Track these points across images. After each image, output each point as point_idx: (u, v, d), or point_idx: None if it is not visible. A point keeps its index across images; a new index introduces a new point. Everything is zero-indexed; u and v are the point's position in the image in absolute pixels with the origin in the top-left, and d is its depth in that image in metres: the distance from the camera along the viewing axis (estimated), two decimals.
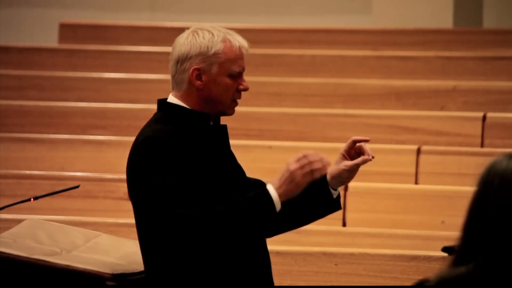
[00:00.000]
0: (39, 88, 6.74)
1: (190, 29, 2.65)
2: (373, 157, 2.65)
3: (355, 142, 2.69)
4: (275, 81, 6.74)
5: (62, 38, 7.71)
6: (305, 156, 2.47)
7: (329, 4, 8.83)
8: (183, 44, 2.62)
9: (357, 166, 2.65)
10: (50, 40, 7.89)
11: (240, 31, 2.77)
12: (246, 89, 2.66)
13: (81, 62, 7.35)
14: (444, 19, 7.69)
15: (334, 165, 2.67)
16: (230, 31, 2.66)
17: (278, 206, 2.47)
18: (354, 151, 2.69)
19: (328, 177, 2.67)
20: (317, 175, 2.48)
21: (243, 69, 2.65)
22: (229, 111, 2.67)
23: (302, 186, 2.48)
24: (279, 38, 7.38)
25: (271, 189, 2.48)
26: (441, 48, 7.19)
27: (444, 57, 6.94)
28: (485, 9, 8.17)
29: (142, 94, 6.50)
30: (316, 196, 2.66)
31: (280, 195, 2.47)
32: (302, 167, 2.46)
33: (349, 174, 2.67)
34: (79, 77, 6.87)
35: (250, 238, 2.54)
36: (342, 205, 2.75)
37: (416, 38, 7.48)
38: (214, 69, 2.60)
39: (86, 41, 7.58)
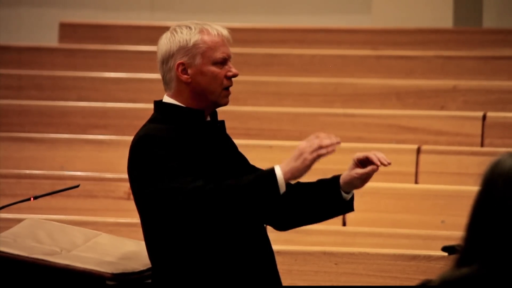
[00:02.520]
0: (39, 87, 6.73)
1: (170, 29, 2.66)
2: (382, 164, 2.63)
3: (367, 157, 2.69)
4: (275, 81, 6.74)
5: (62, 37, 7.71)
6: (316, 136, 2.49)
7: (329, 4, 8.83)
8: (164, 43, 2.64)
9: (367, 174, 2.66)
10: (50, 39, 7.89)
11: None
12: (235, 75, 2.66)
13: (81, 61, 7.35)
14: (444, 19, 7.68)
15: (347, 171, 2.68)
16: (208, 23, 2.66)
17: (282, 184, 2.48)
18: (367, 158, 2.69)
19: (341, 181, 2.68)
20: (323, 152, 2.49)
21: (228, 56, 2.65)
22: (223, 101, 2.67)
23: (309, 163, 2.48)
24: (279, 37, 7.37)
25: (277, 168, 2.50)
26: (441, 48, 7.19)
27: (444, 56, 6.94)
28: (485, 9, 8.17)
29: (142, 93, 6.50)
30: (327, 197, 2.67)
31: (285, 173, 2.48)
32: (310, 144, 2.48)
33: (361, 181, 2.68)
34: (79, 76, 6.87)
35: (255, 217, 2.53)
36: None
37: (416, 38, 7.48)
38: (198, 60, 2.61)
39: (86, 40, 7.58)
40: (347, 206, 2.72)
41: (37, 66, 7.10)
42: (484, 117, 5.92)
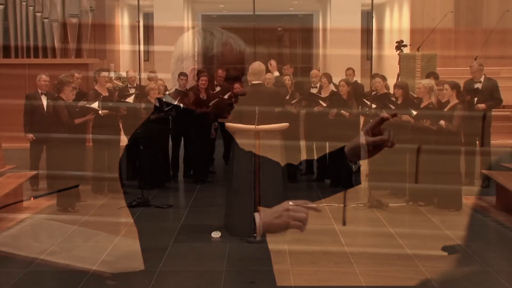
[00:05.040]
0: (39, 87, 6.74)
1: (195, 29, 2.66)
2: (390, 143, 2.61)
3: (383, 119, 2.67)
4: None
5: (62, 37, 7.71)
6: (305, 205, 2.46)
7: (329, 4, 8.84)
8: (185, 43, 2.64)
9: (374, 143, 2.64)
10: (52, 39, 7.89)
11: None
12: (243, 94, 2.68)
13: (81, 61, 7.36)
14: (444, 19, 7.69)
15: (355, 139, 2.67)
16: (233, 35, 2.67)
17: (259, 233, 2.48)
18: (379, 130, 2.67)
19: (346, 149, 2.67)
20: (296, 226, 2.48)
21: (242, 74, 2.66)
22: (224, 114, 2.69)
23: (284, 228, 2.47)
24: (281, 37, 7.38)
25: (257, 216, 2.49)
26: (441, 48, 7.20)
27: (444, 56, 6.94)
28: (485, 9, 8.18)
29: (143, 93, 6.50)
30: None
31: (264, 224, 2.49)
32: (299, 213, 2.45)
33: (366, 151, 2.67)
34: (80, 76, 6.87)
35: None
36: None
37: (416, 38, 7.49)
38: (212, 70, 2.62)
39: (86, 40, 7.58)
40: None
41: (37, 66, 7.11)
42: (484, 117, 5.93)
